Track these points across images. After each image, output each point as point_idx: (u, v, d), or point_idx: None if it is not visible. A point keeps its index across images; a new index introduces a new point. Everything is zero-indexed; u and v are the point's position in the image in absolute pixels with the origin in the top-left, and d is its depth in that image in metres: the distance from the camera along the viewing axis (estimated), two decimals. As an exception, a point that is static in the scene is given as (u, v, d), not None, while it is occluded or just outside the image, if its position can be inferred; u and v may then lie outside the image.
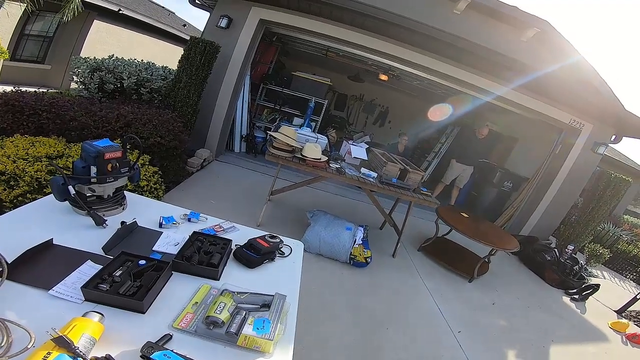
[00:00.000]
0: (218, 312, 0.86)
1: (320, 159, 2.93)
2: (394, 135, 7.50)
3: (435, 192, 5.94)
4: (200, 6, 4.90)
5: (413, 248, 3.96)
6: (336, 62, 7.23)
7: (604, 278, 5.50)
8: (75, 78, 3.52)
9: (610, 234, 6.97)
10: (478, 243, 3.38)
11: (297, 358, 1.93)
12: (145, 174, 2.73)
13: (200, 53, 3.72)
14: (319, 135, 3.50)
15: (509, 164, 6.66)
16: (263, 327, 0.85)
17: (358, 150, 3.34)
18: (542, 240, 5.07)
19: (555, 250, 4.56)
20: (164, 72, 4.40)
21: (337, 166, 3.02)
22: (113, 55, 3.92)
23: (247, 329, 0.84)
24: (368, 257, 3.03)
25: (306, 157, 2.88)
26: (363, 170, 3.14)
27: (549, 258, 4.46)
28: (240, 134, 5.35)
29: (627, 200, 12.79)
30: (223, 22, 4.30)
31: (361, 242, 3.07)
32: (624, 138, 5.24)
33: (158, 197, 2.86)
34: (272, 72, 6.33)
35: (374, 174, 3.11)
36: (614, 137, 5.16)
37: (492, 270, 3.93)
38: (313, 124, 6.13)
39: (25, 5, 4.86)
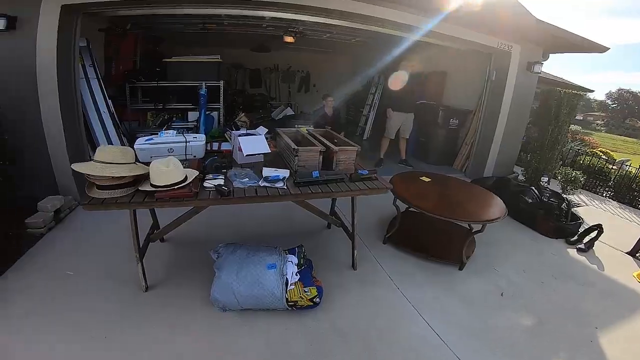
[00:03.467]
0: None
1: (183, 181, 1.72)
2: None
3: (382, 149, 5.20)
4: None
5: (377, 241, 3.01)
6: (231, 34, 5.95)
7: (586, 205, 4.71)
8: None
9: (569, 150, 6.43)
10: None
11: None
12: None
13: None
14: (194, 136, 2.25)
15: (446, 101, 5.90)
16: None
17: (252, 143, 2.13)
18: (514, 180, 4.45)
19: (533, 188, 3.83)
20: None
21: (217, 183, 1.83)
22: None
23: None
24: (315, 297, 2.00)
25: (156, 186, 1.67)
26: (266, 172, 1.99)
27: (530, 200, 3.67)
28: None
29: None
30: (0, 24, 2.77)
31: (297, 278, 2.01)
32: (550, 56, 4.94)
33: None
34: (140, 67, 4.79)
35: (285, 173, 1.99)
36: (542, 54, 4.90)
37: (477, 240, 3.01)
38: (216, 113, 4.81)
39: None
